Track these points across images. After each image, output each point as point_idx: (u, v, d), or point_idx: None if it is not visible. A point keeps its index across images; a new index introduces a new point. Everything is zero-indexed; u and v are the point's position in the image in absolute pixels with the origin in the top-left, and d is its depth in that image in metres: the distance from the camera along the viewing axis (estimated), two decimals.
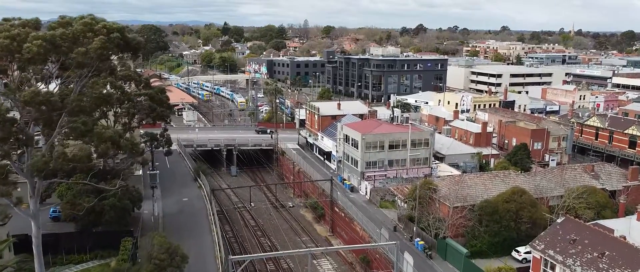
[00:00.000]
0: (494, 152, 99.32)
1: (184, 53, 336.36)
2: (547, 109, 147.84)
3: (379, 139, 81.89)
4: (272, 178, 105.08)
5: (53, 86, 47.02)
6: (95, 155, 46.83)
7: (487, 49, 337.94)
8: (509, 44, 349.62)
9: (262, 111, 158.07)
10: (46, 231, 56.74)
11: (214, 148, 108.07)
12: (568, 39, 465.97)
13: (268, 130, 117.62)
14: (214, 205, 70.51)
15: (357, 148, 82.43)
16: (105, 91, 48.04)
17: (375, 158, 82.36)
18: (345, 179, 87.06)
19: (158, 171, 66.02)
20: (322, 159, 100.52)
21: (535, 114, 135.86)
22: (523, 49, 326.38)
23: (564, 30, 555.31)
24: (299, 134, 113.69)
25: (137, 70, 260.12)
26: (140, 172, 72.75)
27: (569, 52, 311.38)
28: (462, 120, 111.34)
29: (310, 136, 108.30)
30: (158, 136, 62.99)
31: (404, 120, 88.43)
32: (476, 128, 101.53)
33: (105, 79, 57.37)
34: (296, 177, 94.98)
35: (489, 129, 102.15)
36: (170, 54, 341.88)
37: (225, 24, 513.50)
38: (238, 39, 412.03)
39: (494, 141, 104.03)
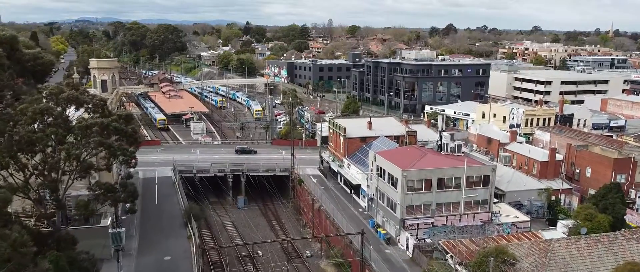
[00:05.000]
0: (565, 186, 78.94)
1: (202, 54, 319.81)
2: (611, 124, 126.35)
3: (424, 176, 62.34)
4: (286, 213, 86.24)
5: None
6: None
7: (526, 51, 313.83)
8: (549, 45, 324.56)
9: (280, 122, 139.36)
10: None
11: (218, 174, 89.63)
12: (607, 39, 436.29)
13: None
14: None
15: (396, 187, 62.97)
16: None
17: (419, 201, 62.85)
18: (378, 225, 67.71)
19: (124, 229, 47.62)
20: (349, 191, 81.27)
21: (600, 132, 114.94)
22: (565, 51, 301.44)
23: (600, 30, 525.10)
24: (321, 157, 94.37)
25: (154, 71, 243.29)
26: (108, 221, 54.65)
27: (617, 55, 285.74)
28: (521, 143, 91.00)
29: (334, 160, 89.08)
30: (117, 185, 44.44)
31: (455, 148, 68.67)
32: (542, 155, 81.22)
33: (36, 106, 39.26)
34: (316, 216, 75.90)
35: (557, 156, 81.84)
36: (187, 55, 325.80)
37: (247, 23, 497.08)
38: (259, 39, 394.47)
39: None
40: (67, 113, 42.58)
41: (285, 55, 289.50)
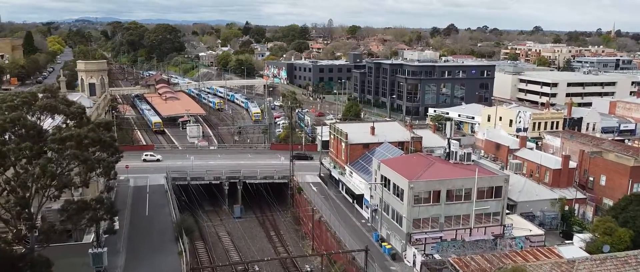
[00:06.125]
0: (580, 196, 74.83)
1: (201, 54, 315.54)
2: (621, 128, 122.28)
3: (432, 187, 58.22)
4: (285, 224, 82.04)
5: None
6: None
7: (528, 52, 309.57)
8: (552, 46, 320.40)
9: (279, 125, 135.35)
10: None
11: (213, 182, 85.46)
12: (609, 40, 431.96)
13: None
14: None
15: (402, 199, 58.87)
16: None
17: (426, 214, 58.69)
18: (383, 239, 63.60)
19: (105, 249, 43.56)
20: (352, 201, 77.12)
21: (611, 136, 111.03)
22: (569, 51, 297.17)
23: (601, 31, 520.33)
24: (321, 163, 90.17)
25: (151, 71, 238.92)
26: (92, 237, 50.52)
27: (622, 56, 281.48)
28: (531, 149, 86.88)
29: (335, 167, 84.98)
30: (93, 202, 40.17)
31: (464, 156, 64.57)
32: (555, 162, 77.12)
33: (6, 115, 35.10)
34: (316, 227, 71.72)
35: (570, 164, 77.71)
36: (186, 56, 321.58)
37: (246, 23, 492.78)
38: (259, 40, 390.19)
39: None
40: (41, 123, 38.39)
41: (284, 55, 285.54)
